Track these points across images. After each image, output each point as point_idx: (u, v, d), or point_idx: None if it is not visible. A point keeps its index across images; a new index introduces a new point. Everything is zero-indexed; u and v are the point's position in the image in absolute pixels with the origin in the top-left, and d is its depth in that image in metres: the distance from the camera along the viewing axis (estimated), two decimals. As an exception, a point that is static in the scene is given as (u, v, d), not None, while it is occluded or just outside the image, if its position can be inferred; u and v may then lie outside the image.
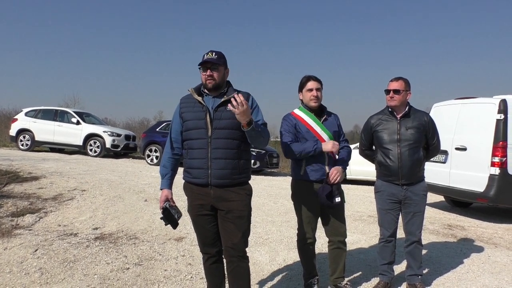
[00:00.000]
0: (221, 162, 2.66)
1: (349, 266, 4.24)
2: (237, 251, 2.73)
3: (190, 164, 2.74)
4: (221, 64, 2.73)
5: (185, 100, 2.83)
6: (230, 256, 2.75)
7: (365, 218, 6.79)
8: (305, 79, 3.41)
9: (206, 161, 2.66)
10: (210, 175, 2.66)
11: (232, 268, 2.75)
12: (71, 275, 3.67)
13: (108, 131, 14.41)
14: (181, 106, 2.82)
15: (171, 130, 2.88)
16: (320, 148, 3.26)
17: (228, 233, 2.72)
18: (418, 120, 3.54)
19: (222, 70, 2.75)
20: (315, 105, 3.39)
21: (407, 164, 3.48)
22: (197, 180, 2.71)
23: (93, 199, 6.57)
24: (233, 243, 2.71)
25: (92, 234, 4.90)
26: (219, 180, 2.67)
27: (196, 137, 2.70)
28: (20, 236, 4.59)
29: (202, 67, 2.72)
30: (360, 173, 11.30)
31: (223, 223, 2.74)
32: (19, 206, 5.85)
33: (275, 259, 4.42)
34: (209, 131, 2.66)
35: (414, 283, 3.64)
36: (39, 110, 15.04)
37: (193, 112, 2.73)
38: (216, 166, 2.66)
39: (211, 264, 2.91)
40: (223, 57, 2.77)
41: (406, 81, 3.56)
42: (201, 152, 2.67)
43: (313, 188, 3.36)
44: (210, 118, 2.67)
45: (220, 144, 2.66)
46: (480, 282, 3.97)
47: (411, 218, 3.57)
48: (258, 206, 7.12)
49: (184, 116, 2.77)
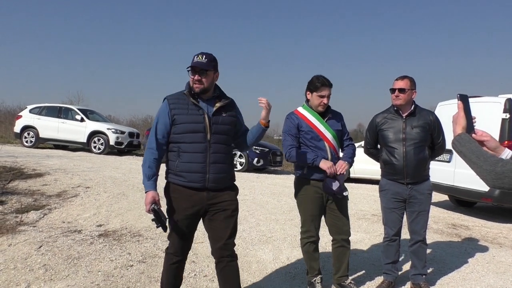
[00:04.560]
0: (218, 167, 2.68)
1: (353, 265, 4.23)
2: (228, 250, 2.75)
3: (183, 167, 2.66)
4: (211, 68, 2.66)
5: (175, 101, 2.71)
6: (220, 256, 2.75)
7: (369, 217, 6.77)
8: (320, 84, 3.32)
9: (204, 165, 2.64)
10: (208, 180, 2.66)
11: (222, 267, 2.76)
12: (75, 272, 3.68)
13: (112, 129, 14.44)
14: (172, 108, 2.69)
15: (156, 131, 2.72)
16: (317, 163, 3.28)
17: (219, 232, 2.73)
18: (423, 119, 3.52)
19: (212, 75, 2.69)
20: (323, 110, 3.39)
21: (412, 163, 3.47)
22: (193, 184, 2.66)
23: (97, 196, 6.59)
24: (225, 242, 2.73)
25: (96, 231, 4.92)
26: (215, 184, 2.69)
27: (192, 141, 2.64)
28: (24, 233, 4.61)
29: (191, 70, 2.67)
30: (364, 171, 11.28)
31: (213, 224, 2.74)
32: (23, 202, 5.87)
33: (278, 257, 4.42)
34: (208, 135, 2.65)
35: (418, 283, 3.62)
36: (43, 107, 15.10)
37: (189, 115, 2.66)
38: (214, 171, 2.66)
39: (178, 266, 2.86)
40: (213, 61, 2.70)
41: (411, 79, 3.54)
42: (199, 156, 2.64)
43: (315, 187, 3.37)
44: (209, 122, 2.66)
45: (219, 149, 2.69)
46: (484, 282, 3.95)
47: (416, 217, 3.56)
48: (261, 204, 7.12)
49: (177, 118, 2.67)
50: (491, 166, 1.49)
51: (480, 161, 1.53)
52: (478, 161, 1.53)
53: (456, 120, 1.71)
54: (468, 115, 1.71)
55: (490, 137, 1.66)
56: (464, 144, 1.61)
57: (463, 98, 1.74)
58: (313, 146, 3.38)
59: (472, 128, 1.69)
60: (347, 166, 3.36)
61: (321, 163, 3.28)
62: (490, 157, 1.53)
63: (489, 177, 1.50)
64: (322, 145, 3.38)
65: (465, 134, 1.65)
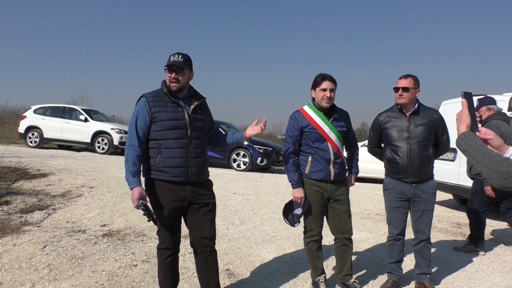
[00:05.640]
0: (199, 161, 2.84)
1: (357, 265, 4.23)
2: (211, 242, 2.92)
3: (166, 163, 2.75)
4: (187, 67, 2.80)
5: (154, 99, 2.78)
6: (203, 247, 2.91)
7: (373, 216, 6.75)
8: (320, 78, 3.35)
9: (187, 160, 2.78)
10: (190, 174, 2.79)
11: (204, 259, 2.92)
12: (80, 272, 3.69)
13: (115, 129, 14.45)
14: (151, 105, 2.76)
15: (136, 128, 2.77)
16: (293, 189, 3.43)
17: (202, 225, 2.88)
18: (427, 118, 3.51)
19: (187, 73, 2.83)
20: (327, 105, 3.36)
21: (416, 161, 3.45)
22: (177, 179, 2.78)
23: (101, 196, 6.61)
24: (209, 235, 2.89)
25: (100, 231, 4.93)
26: (197, 178, 2.84)
27: (174, 137, 2.76)
28: (29, 233, 4.63)
29: (168, 69, 2.78)
30: (368, 171, 11.24)
31: (196, 216, 2.88)
32: (28, 202, 5.90)
33: (282, 256, 4.42)
34: (188, 131, 2.77)
35: (422, 282, 3.61)
36: (47, 108, 15.13)
37: (169, 112, 2.77)
38: (196, 165, 2.82)
39: (172, 260, 2.98)
40: (189, 60, 2.83)
41: (415, 78, 3.52)
42: (181, 151, 2.76)
43: (316, 186, 3.41)
44: (189, 119, 2.79)
45: (199, 145, 2.85)
46: (489, 281, 3.93)
47: (420, 216, 3.55)
48: (265, 203, 7.12)
49: (157, 116, 2.75)
50: (497, 166, 1.47)
51: (485, 160, 1.51)
52: (483, 160, 1.51)
53: (460, 118, 1.69)
54: (472, 113, 1.68)
55: (494, 135, 1.64)
56: (469, 143, 1.59)
57: (467, 96, 1.72)
58: (315, 147, 3.37)
59: (476, 126, 1.67)
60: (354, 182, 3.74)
61: (294, 191, 3.42)
62: (496, 157, 1.51)
63: (494, 177, 1.48)
64: (325, 146, 3.37)
65: (469, 133, 1.63)
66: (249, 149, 12.24)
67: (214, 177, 10.99)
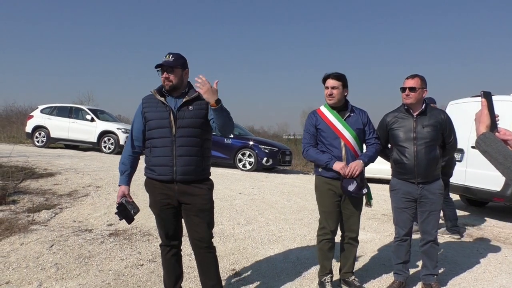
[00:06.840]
0: (186, 159, 2.79)
1: (363, 265, 4.21)
2: (203, 243, 2.91)
3: (154, 162, 2.84)
4: (178, 66, 2.81)
5: (148, 100, 2.90)
6: (197, 248, 2.94)
7: (379, 216, 6.73)
8: (324, 77, 3.45)
9: (171, 158, 2.78)
10: (175, 172, 2.79)
11: (200, 259, 2.96)
12: (86, 271, 3.71)
13: (122, 128, 14.50)
14: (144, 106, 2.89)
15: (132, 129, 2.97)
16: (331, 166, 3.31)
17: (194, 226, 2.88)
18: (434, 118, 3.49)
19: (180, 72, 2.83)
20: (331, 102, 3.42)
21: (423, 162, 3.43)
22: (162, 177, 2.82)
23: (108, 196, 6.64)
24: (200, 236, 2.89)
25: (106, 230, 4.95)
26: (183, 176, 2.80)
27: (159, 136, 2.79)
28: (36, 232, 4.66)
29: (160, 69, 2.83)
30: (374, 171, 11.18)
31: (187, 217, 2.90)
32: (35, 202, 5.94)
33: (288, 256, 4.41)
34: (173, 130, 2.78)
35: (429, 283, 3.59)
36: (54, 107, 15.21)
37: (156, 112, 2.82)
38: (180, 163, 2.78)
39: (172, 256, 3.06)
40: (180, 59, 2.84)
41: (422, 78, 3.50)
42: (166, 150, 2.78)
43: (329, 184, 3.41)
44: (174, 117, 2.79)
45: (184, 142, 2.79)
46: (497, 282, 3.90)
47: (427, 217, 3.52)
48: (271, 204, 7.11)
49: (147, 116, 2.86)
50: None
51: (507, 162, 1.44)
52: (505, 162, 1.45)
53: (479, 118, 1.61)
54: (492, 113, 1.61)
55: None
56: (489, 144, 1.52)
57: (486, 95, 1.64)
58: (328, 144, 3.40)
59: (496, 127, 1.60)
60: (359, 167, 3.31)
61: (334, 165, 3.30)
62: None
63: None
64: (337, 143, 3.37)
65: (489, 133, 1.55)
66: (254, 149, 12.24)
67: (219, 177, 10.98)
